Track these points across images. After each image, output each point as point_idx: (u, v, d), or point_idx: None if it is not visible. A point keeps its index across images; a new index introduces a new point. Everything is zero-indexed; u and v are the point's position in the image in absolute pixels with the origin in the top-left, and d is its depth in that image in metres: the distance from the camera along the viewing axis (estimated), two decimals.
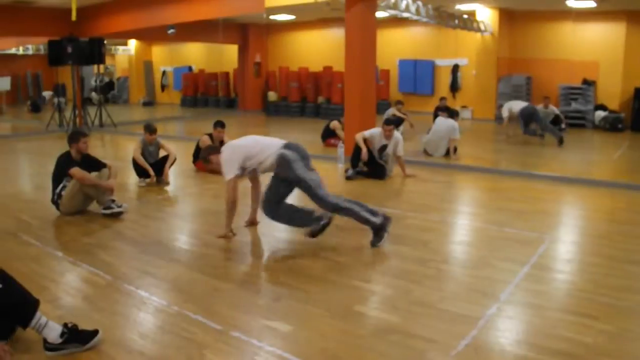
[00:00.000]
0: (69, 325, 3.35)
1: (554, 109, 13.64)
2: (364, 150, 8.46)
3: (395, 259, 5.05)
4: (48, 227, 6.16)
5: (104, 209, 6.40)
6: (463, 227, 6.29)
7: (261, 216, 5.58)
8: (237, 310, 3.95)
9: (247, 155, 5.27)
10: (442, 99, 15.15)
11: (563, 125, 13.77)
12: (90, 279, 4.58)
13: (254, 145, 5.35)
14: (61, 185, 6.39)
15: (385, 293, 4.30)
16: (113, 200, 6.45)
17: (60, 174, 6.42)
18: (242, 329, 3.63)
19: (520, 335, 3.56)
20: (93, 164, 6.57)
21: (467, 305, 3.97)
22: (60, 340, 3.25)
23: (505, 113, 12.68)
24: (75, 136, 6.48)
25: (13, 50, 24.07)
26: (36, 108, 23.58)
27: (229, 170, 5.25)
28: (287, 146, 5.24)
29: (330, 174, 9.19)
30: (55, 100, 18.65)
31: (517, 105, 12.61)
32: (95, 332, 3.38)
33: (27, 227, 6.10)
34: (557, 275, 4.64)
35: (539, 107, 13.06)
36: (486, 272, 4.64)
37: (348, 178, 8.60)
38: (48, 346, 3.27)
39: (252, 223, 6.00)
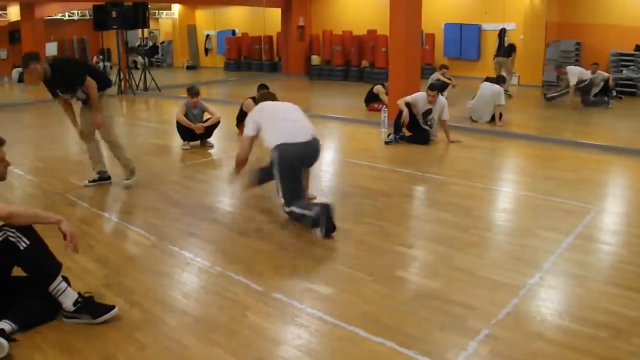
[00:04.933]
0: (85, 295, 3.33)
1: (603, 75, 13.14)
2: (405, 111, 8.38)
3: (437, 225, 5.02)
4: (94, 189, 6.30)
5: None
6: (507, 194, 6.19)
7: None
8: (278, 272, 4.00)
9: (260, 125, 4.98)
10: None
11: (614, 93, 13.32)
12: (136, 239, 4.70)
13: (272, 119, 5.00)
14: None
15: (427, 259, 4.29)
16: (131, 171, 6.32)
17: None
18: (284, 290, 3.67)
19: (562, 305, 3.52)
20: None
21: (508, 273, 3.93)
22: (73, 309, 3.23)
23: (573, 81, 12.05)
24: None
25: (59, 16, 24.31)
26: None
27: (247, 128, 5.04)
28: (285, 145, 4.81)
29: (373, 138, 9.14)
30: (101, 64, 18.89)
31: (583, 74, 12.14)
32: (110, 308, 3.31)
33: (74, 188, 6.26)
34: (602, 247, 4.54)
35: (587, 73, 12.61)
36: (529, 240, 4.58)
37: (387, 143, 8.56)
38: (64, 313, 3.27)
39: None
